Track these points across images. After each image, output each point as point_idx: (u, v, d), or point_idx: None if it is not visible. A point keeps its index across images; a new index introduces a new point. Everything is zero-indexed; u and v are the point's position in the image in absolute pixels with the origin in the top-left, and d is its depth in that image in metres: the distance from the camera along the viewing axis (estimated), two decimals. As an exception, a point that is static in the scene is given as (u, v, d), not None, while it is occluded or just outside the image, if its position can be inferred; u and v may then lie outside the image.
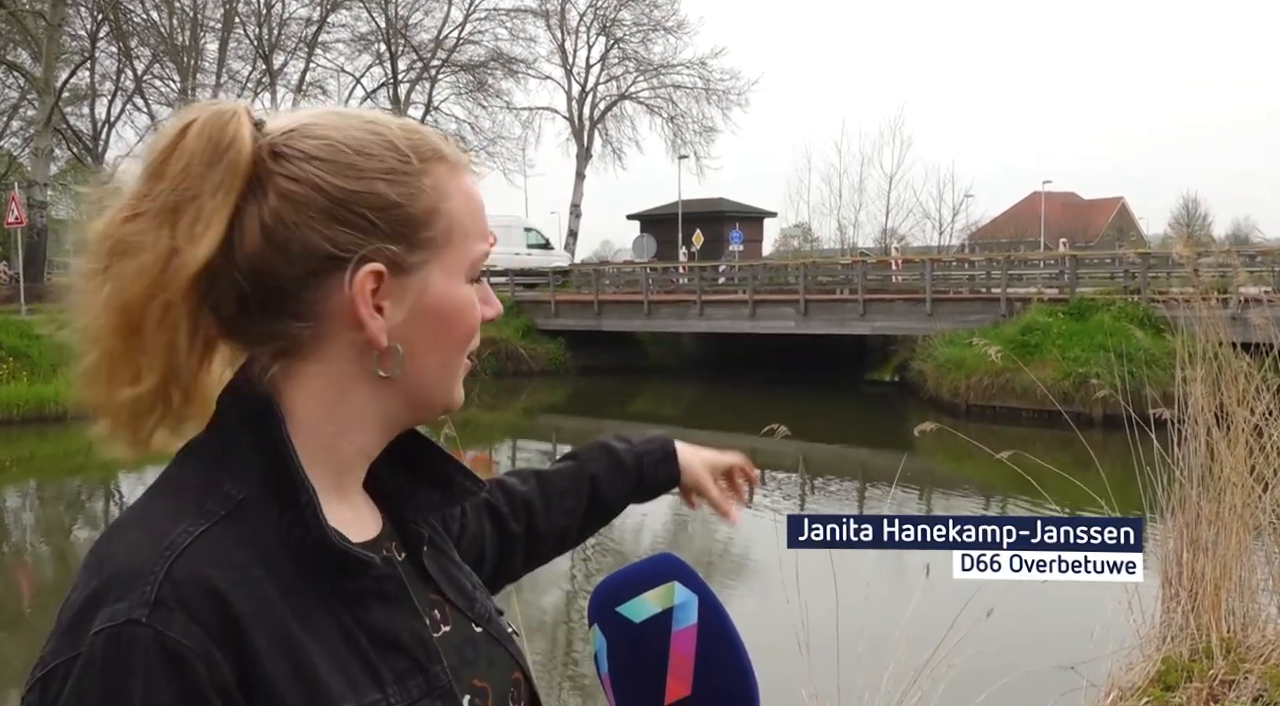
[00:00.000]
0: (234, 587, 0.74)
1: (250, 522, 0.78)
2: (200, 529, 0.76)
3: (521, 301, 30.22)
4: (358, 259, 0.81)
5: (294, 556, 0.78)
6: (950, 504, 13.10)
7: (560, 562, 10.20)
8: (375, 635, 0.80)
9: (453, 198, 0.86)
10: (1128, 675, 4.14)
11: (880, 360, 30.23)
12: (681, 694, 0.78)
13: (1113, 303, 20.18)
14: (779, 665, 3.38)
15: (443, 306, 0.85)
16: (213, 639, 0.72)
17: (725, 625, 0.81)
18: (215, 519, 0.77)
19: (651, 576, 0.81)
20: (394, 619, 0.82)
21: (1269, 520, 4.55)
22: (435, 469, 0.95)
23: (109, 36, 34.94)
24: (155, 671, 0.70)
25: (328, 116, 0.85)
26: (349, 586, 0.80)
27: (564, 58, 41.88)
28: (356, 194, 0.81)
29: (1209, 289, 5.41)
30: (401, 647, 0.81)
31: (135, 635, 0.70)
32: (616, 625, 0.80)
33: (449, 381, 0.88)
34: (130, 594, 0.72)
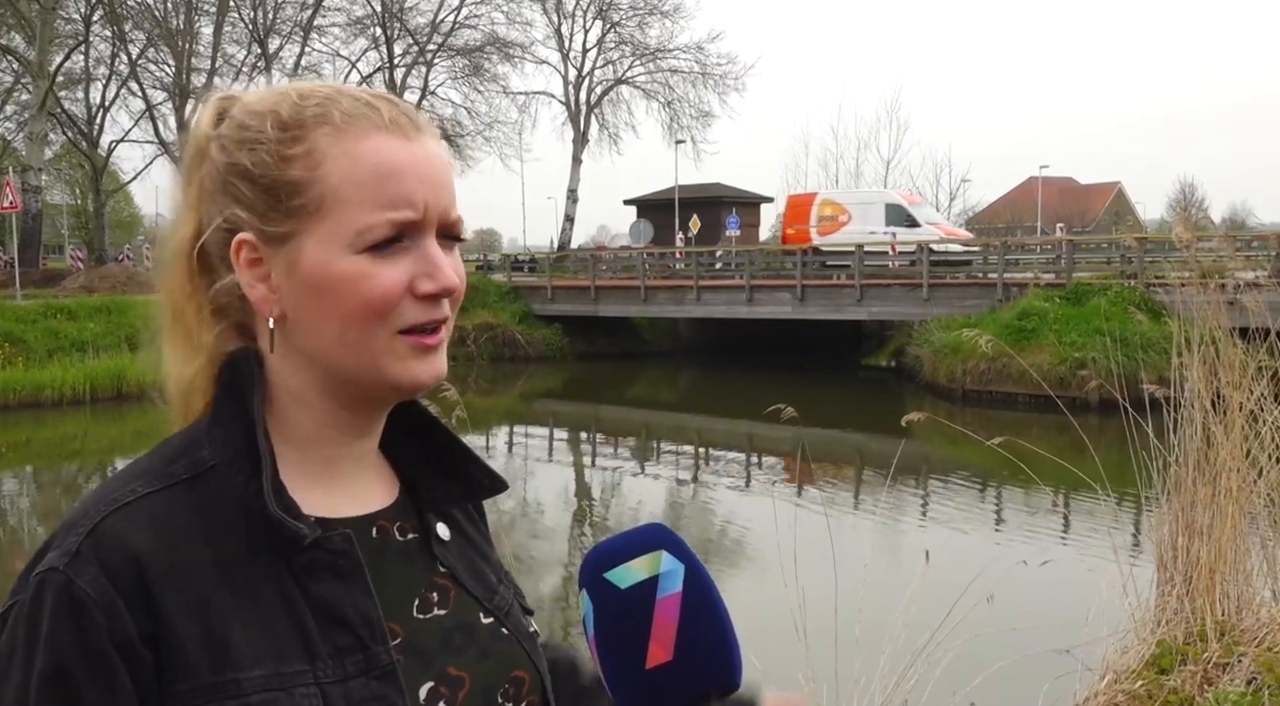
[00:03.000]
0: (155, 549, 0.77)
1: (214, 488, 0.81)
2: (149, 490, 0.80)
3: (519, 287, 30.21)
4: (234, 229, 0.84)
5: (252, 525, 0.80)
6: (946, 489, 13.14)
7: (559, 547, 10.26)
8: (320, 608, 0.80)
9: (330, 162, 0.82)
10: (1123, 658, 4.17)
11: (877, 345, 30.26)
12: (663, 658, 0.79)
13: (1109, 287, 20.19)
14: (776, 648, 3.40)
15: (320, 278, 0.82)
16: (120, 593, 0.75)
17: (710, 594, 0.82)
18: (173, 481, 0.81)
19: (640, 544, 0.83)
20: (343, 595, 0.82)
21: (1264, 504, 4.56)
22: (456, 462, 0.95)
23: (103, 20, 34.75)
24: (60, 616, 0.75)
25: (264, 93, 0.87)
26: (302, 558, 0.81)
27: (560, 42, 41.74)
28: (233, 166, 0.84)
29: (1206, 274, 5.41)
30: (345, 623, 0.81)
31: (51, 580, 0.76)
32: (603, 590, 0.81)
33: (366, 356, 0.83)
34: (63, 544, 0.77)
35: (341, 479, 0.88)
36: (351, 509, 0.88)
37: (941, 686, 3.51)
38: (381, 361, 0.83)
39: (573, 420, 21.15)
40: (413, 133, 0.85)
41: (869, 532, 10.44)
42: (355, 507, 0.88)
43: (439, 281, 0.83)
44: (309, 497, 0.84)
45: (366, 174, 0.81)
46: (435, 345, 0.85)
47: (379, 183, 0.81)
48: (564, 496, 13.98)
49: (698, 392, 24.98)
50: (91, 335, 20.12)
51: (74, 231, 50.45)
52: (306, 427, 0.86)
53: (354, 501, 0.88)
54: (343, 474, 0.88)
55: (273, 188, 0.83)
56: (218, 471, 0.81)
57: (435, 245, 0.84)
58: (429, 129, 0.87)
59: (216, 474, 0.81)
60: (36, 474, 15.43)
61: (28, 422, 17.74)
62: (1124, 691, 3.87)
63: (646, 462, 16.45)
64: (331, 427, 0.87)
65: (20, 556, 10.92)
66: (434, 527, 0.92)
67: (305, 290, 0.82)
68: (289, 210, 0.82)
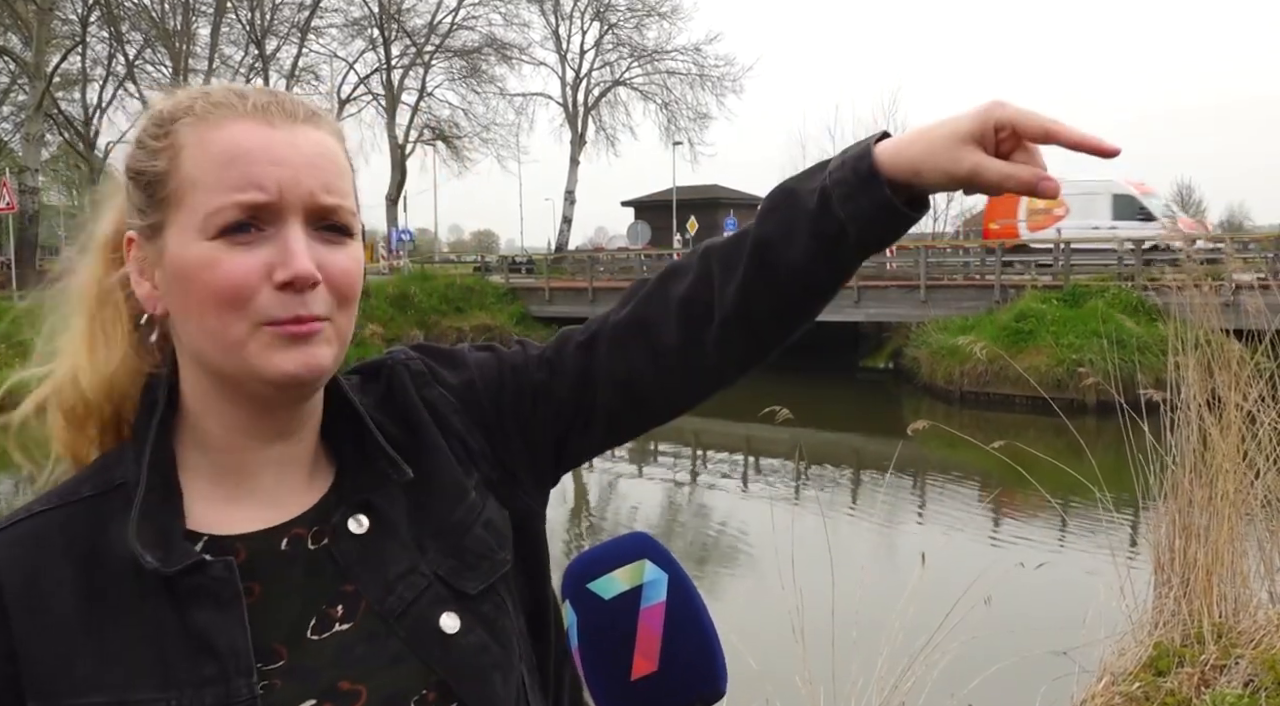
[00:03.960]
0: (18, 571, 0.78)
1: (111, 508, 0.81)
2: (42, 508, 0.81)
3: (516, 288, 30.19)
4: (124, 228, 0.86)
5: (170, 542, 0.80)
6: (944, 491, 13.14)
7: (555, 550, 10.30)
8: (195, 637, 0.78)
9: (186, 151, 0.81)
10: (1120, 660, 4.16)
11: (875, 347, 30.25)
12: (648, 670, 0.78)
13: (1107, 289, 20.20)
14: (774, 650, 3.39)
15: (177, 267, 0.81)
16: None
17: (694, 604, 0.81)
18: (72, 499, 0.81)
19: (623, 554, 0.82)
20: (219, 623, 0.79)
21: (1260, 506, 4.56)
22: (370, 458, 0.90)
23: (100, 21, 34.71)
24: None
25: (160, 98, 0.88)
26: (183, 585, 0.79)
27: (558, 43, 41.74)
28: (126, 167, 0.86)
29: (1202, 276, 5.41)
30: (215, 653, 0.78)
31: None
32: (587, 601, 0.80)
33: (228, 347, 0.80)
34: None
35: (257, 486, 0.86)
36: (266, 518, 0.85)
37: (939, 688, 3.50)
38: (244, 353, 0.80)
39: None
40: (280, 120, 0.82)
41: (866, 534, 10.43)
42: (271, 516, 0.85)
43: (291, 269, 0.78)
44: (215, 511, 0.82)
45: (216, 158, 0.80)
46: (303, 334, 0.80)
47: (227, 166, 0.80)
48: (560, 498, 13.98)
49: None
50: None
51: (70, 233, 50.37)
52: (216, 434, 0.85)
53: (271, 509, 0.85)
54: (259, 481, 0.86)
55: (147, 183, 0.83)
56: (123, 491, 0.81)
57: (296, 232, 0.80)
58: (312, 118, 0.84)
59: (121, 493, 0.81)
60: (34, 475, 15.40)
61: (24, 424, 17.70)
62: (1121, 693, 3.86)
63: (644, 464, 16.43)
64: (240, 433, 0.85)
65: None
66: (344, 529, 0.86)
67: (171, 281, 0.82)
68: (157, 202, 0.82)
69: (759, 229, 0.90)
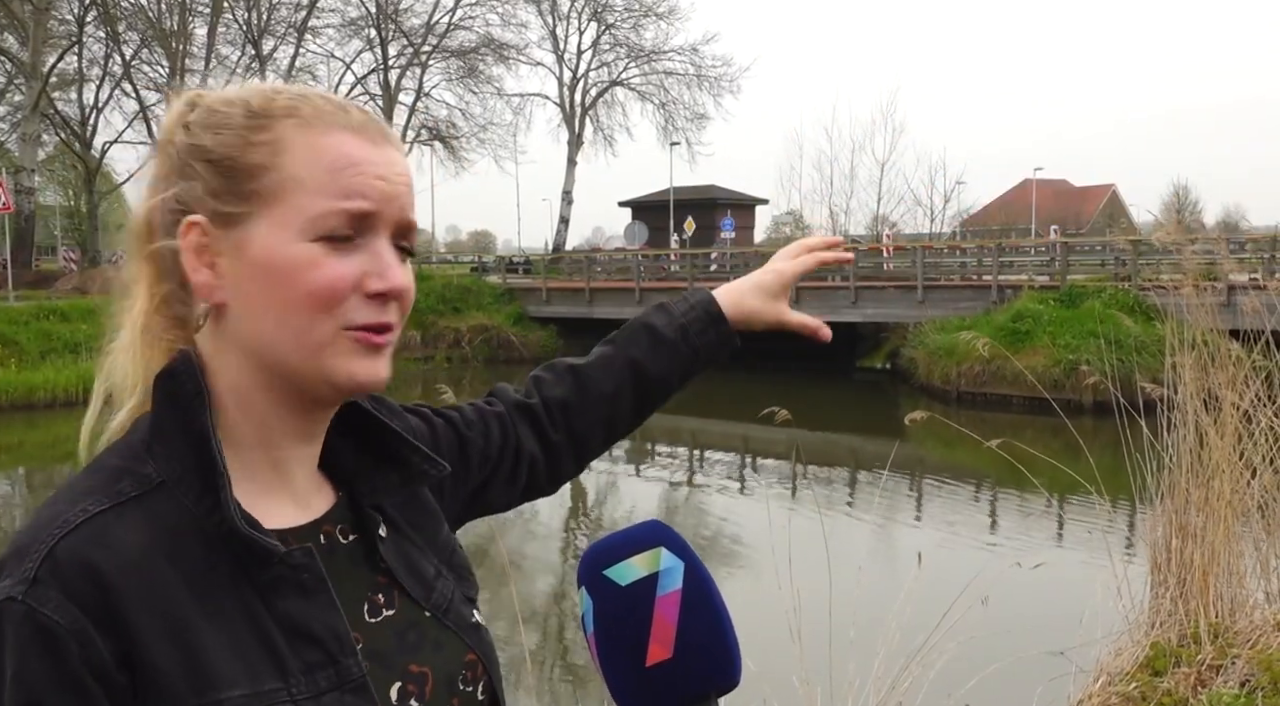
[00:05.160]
0: (120, 569, 0.74)
1: (165, 506, 0.78)
2: (99, 509, 0.77)
3: (514, 289, 30.20)
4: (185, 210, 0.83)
5: (208, 541, 0.78)
6: (941, 491, 13.15)
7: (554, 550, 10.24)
8: (287, 625, 0.79)
9: (292, 151, 0.82)
10: (1117, 660, 4.17)
11: (872, 347, 30.27)
12: (663, 656, 0.79)
13: (1104, 290, 20.24)
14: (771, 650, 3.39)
15: (266, 261, 0.81)
16: (90, 618, 0.72)
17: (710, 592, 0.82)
18: (121, 499, 0.78)
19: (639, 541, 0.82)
20: (308, 610, 0.81)
21: (1257, 506, 4.57)
22: (391, 449, 0.94)
23: (97, 21, 34.68)
24: (26, 647, 0.71)
25: (238, 88, 0.87)
26: (264, 574, 0.80)
27: (555, 44, 41.78)
28: (194, 147, 0.84)
29: (1198, 276, 5.42)
30: (313, 639, 0.80)
31: (9, 611, 0.72)
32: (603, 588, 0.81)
33: (307, 347, 0.81)
34: (15, 571, 0.73)
35: (288, 485, 0.87)
36: (299, 516, 0.87)
37: (936, 688, 3.51)
38: (322, 354, 0.81)
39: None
40: (379, 139, 0.86)
41: (864, 534, 10.44)
42: (302, 515, 0.87)
43: (388, 280, 0.82)
44: (260, 508, 0.82)
45: (327, 164, 0.82)
46: (381, 345, 0.83)
47: (338, 173, 0.82)
48: (559, 498, 13.98)
49: (692, 394, 24.54)
50: (84, 337, 20.05)
51: (67, 233, 50.31)
52: (249, 432, 0.84)
53: (300, 508, 0.87)
54: (290, 479, 0.87)
55: (232, 170, 0.83)
56: (165, 489, 0.79)
57: (388, 245, 0.84)
58: (396, 143, 0.88)
59: (164, 491, 0.79)
60: (29, 476, 15.38)
61: (20, 424, 17.68)
62: (1118, 693, 3.87)
63: (641, 465, 16.43)
64: (275, 431, 0.85)
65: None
66: (376, 527, 0.91)
67: (251, 274, 0.81)
68: (245, 193, 0.82)
69: (628, 352, 1.21)
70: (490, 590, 8.30)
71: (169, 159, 0.86)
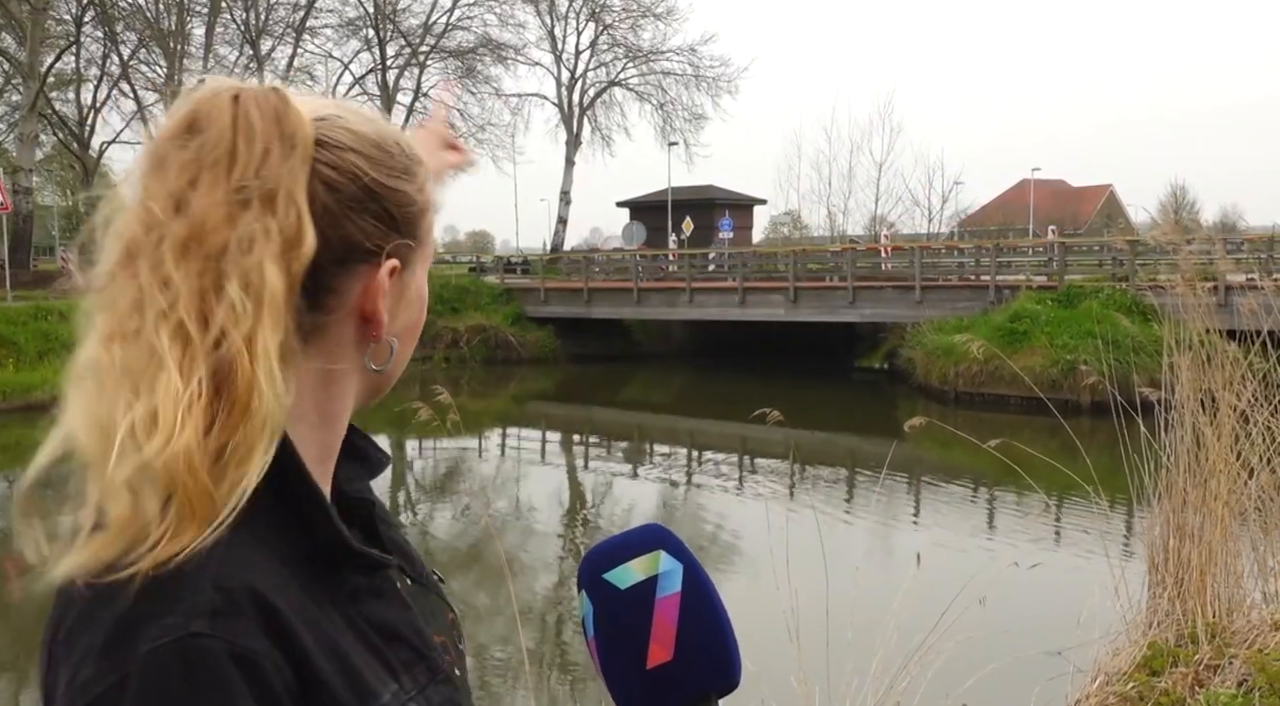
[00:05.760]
0: (274, 591, 0.73)
1: (259, 527, 0.76)
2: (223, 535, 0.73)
3: (511, 289, 30.19)
4: (385, 253, 0.82)
5: (300, 558, 0.78)
6: (938, 491, 13.16)
7: (552, 549, 10.22)
8: (379, 629, 0.81)
9: (428, 194, 0.88)
10: (1114, 660, 4.17)
11: (870, 347, 30.31)
12: (663, 658, 0.80)
13: (1101, 290, 20.26)
14: (769, 651, 3.39)
15: (419, 300, 0.89)
16: (273, 642, 0.71)
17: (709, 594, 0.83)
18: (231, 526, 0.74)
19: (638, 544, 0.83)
20: (388, 612, 0.83)
21: (1254, 506, 4.58)
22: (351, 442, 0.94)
23: (94, 21, 34.65)
24: (231, 682, 0.68)
25: (335, 106, 0.85)
26: (347, 584, 0.80)
27: (553, 44, 41.77)
28: (386, 188, 0.83)
29: (1196, 276, 5.42)
30: (401, 639, 0.82)
31: (203, 647, 0.68)
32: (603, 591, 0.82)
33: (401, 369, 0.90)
34: (178, 606, 0.69)
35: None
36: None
37: (934, 688, 3.51)
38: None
39: (565, 422, 21.13)
40: None
41: (861, 535, 10.44)
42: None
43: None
44: None
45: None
46: None
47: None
48: (557, 499, 13.98)
49: (690, 395, 24.98)
50: (82, 337, 20.05)
51: (65, 233, 50.30)
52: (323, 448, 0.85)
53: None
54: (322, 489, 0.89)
55: (413, 217, 0.85)
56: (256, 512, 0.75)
57: None
58: None
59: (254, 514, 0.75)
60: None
61: (18, 424, 17.65)
62: (1115, 693, 3.87)
63: (639, 465, 16.44)
64: (325, 453, 0.85)
65: (10, 560, 10.87)
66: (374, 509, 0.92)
67: (411, 312, 0.88)
68: (417, 235, 0.86)
69: None
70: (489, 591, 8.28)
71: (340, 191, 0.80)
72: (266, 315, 0.74)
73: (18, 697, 6.91)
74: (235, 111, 0.77)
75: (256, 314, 0.73)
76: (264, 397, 0.73)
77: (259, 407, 0.72)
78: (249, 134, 0.77)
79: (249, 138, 0.76)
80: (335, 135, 0.81)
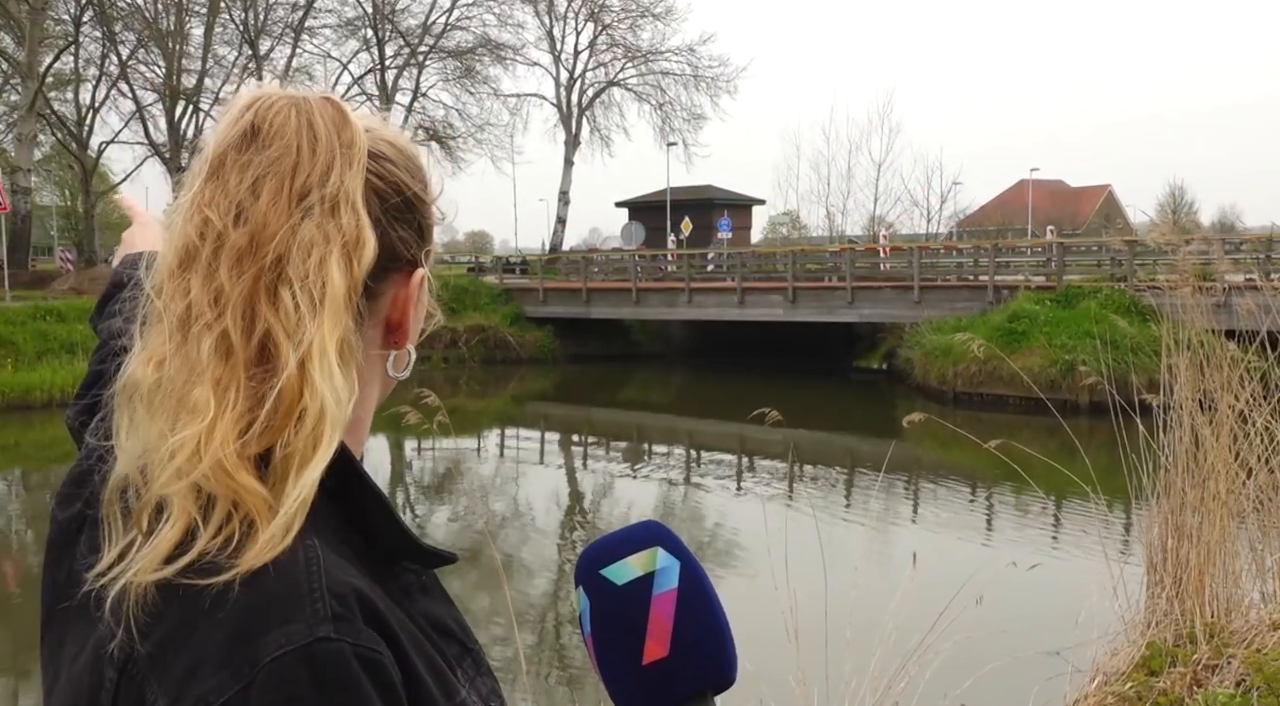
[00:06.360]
0: (371, 592, 0.73)
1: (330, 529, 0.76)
2: (307, 539, 0.73)
3: (510, 289, 30.19)
4: (418, 262, 0.85)
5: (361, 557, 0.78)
6: (937, 491, 13.16)
7: (550, 549, 10.20)
8: (434, 624, 0.82)
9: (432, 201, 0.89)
10: (1112, 660, 4.18)
11: (868, 347, 30.33)
12: (660, 654, 0.80)
13: (1100, 290, 20.27)
14: (768, 650, 3.40)
15: (424, 307, 0.89)
16: (388, 644, 0.72)
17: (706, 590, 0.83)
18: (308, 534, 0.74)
19: (636, 541, 0.84)
20: (436, 608, 0.84)
21: (1252, 506, 4.58)
22: None
23: (93, 21, 34.64)
24: (360, 683, 0.69)
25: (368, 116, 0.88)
26: (399, 583, 0.81)
27: (552, 44, 41.78)
28: (421, 201, 0.86)
29: (1194, 276, 5.43)
30: (449, 633, 0.84)
31: (332, 652, 0.68)
32: (599, 587, 0.82)
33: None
34: (299, 613, 0.69)
35: None
36: None
37: (932, 688, 3.52)
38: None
39: (564, 422, 21.14)
40: None
41: (860, 535, 10.45)
42: None
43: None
44: None
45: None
46: None
47: None
48: (555, 498, 13.98)
49: (689, 395, 24.99)
50: (81, 337, 20.05)
51: (63, 233, 50.29)
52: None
53: None
54: None
55: (431, 227, 0.88)
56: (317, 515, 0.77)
57: None
58: None
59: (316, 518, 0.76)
60: (25, 476, 15.37)
61: (16, 425, 17.66)
62: (1114, 693, 3.88)
63: (638, 465, 16.45)
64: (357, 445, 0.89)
65: (10, 559, 10.87)
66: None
67: (419, 318, 0.88)
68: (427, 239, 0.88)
69: None
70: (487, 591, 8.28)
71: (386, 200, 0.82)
72: (327, 315, 0.75)
73: (18, 697, 6.91)
74: (300, 121, 0.79)
75: (315, 314, 0.74)
76: (318, 397, 0.73)
77: (312, 407, 0.73)
78: (314, 144, 0.79)
79: (313, 147, 0.78)
80: (380, 147, 0.84)
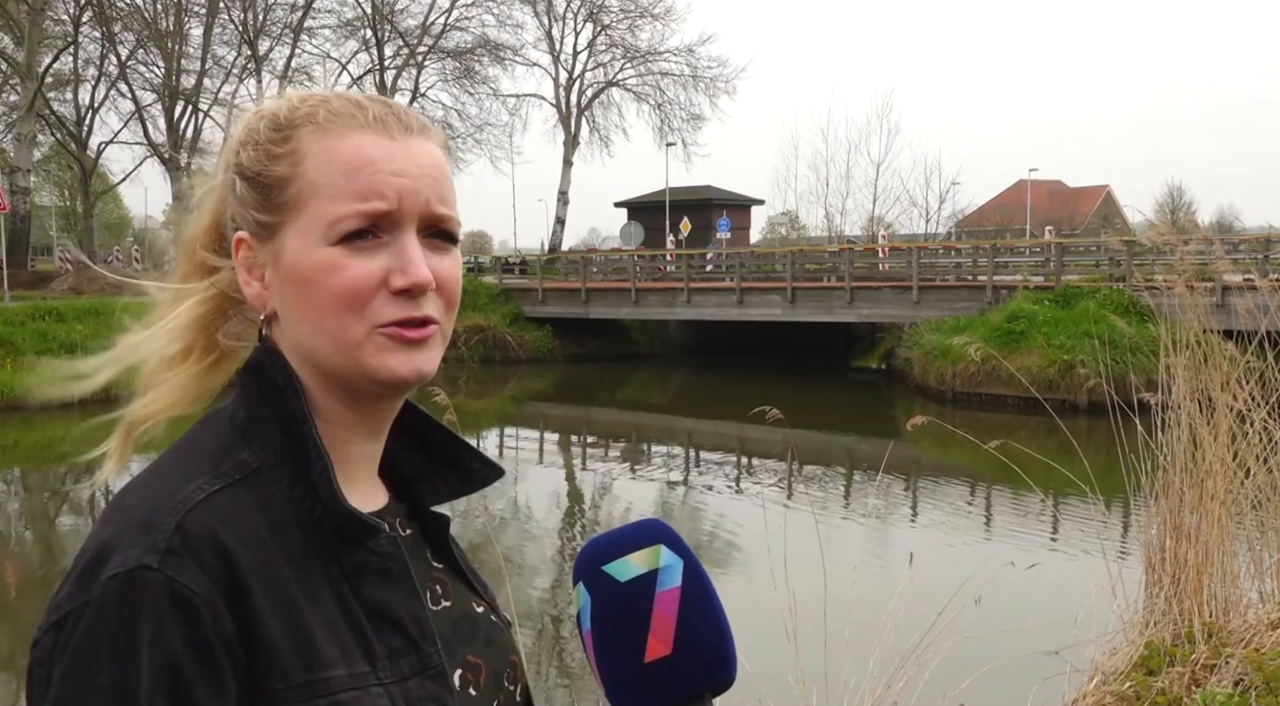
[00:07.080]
0: (241, 546, 0.77)
1: (263, 490, 0.81)
2: (214, 488, 0.79)
3: (509, 289, 30.17)
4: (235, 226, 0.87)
5: (303, 526, 0.81)
6: (936, 491, 13.16)
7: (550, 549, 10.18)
8: (373, 610, 0.82)
9: (310, 159, 0.84)
10: (1111, 660, 4.18)
11: (867, 347, 30.31)
12: (662, 652, 0.79)
13: (1098, 290, 20.26)
14: (767, 650, 3.40)
15: (296, 270, 0.84)
16: (219, 590, 0.75)
17: (708, 590, 0.83)
18: (229, 481, 0.80)
19: (639, 538, 0.83)
20: (393, 596, 0.84)
21: (1250, 506, 4.58)
22: (451, 455, 0.97)
23: (92, 21, 34.61)
24: (165, 615, 0.73)
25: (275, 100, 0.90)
26: (352, 560, 0.83)
27: (551, 44, 41.74)
28: (237, 166, 0.87)
29: (1192, 276, 5.43)
30: (398, 625, 0.83)
31: (147, 579, 0.74)
32: (601, 583, 0.81)
33: (343, 349, 0.84)
34: (142, 541, 0.75)
35: (357, 479, 0.90)
36: (369, 506, 0.90)
37: (931, 688, 3.52)
38: (358, 354, 0.84)
39: (563, 422, 21.12)
40: (399, 132, 0.86)
41: (859, 534, 10.45)
42: (369, 507, 0.90)
43: (409, 276, 0.83)
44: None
45: (340, 167, 0.84)
46: (417, 339, 0.85)
47: (351, 175, 0.83)
48: (555, 498, 13.97)
49: (688, 395, 24.98)
50: (80, 337, 20.00)
51: (63, 233, 50.25)
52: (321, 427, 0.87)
53: (367, 501, 0.90)
54: (357, 475, 0.90)
55: (263, 185, 0.86)
56: (261, 474, 0.82)
57: (413, 240, 0.85)
58: (424, 131, 0.88)
59: (260, 476, 0.82)
60: (24, 476, 15.35)
61: (15, 425, 17.63)
62: (1112, 692, 3.88)
63: (637, 465, 16.43)
64: (342, 427, 0.88)
65: (8, 559, 10.86)
66: (447, 525, 0.96)
67: (286, 283, 0.85)
68: (275, 205, 0.85)
69: None
70: (486, 590, 8.33)
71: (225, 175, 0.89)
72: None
73: (18, 697, 6.91)
74: None
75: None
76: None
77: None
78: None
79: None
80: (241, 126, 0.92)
